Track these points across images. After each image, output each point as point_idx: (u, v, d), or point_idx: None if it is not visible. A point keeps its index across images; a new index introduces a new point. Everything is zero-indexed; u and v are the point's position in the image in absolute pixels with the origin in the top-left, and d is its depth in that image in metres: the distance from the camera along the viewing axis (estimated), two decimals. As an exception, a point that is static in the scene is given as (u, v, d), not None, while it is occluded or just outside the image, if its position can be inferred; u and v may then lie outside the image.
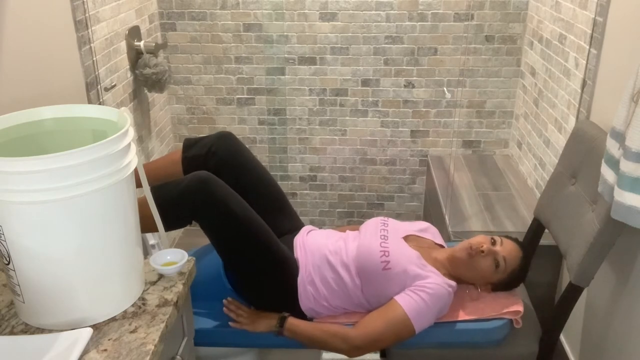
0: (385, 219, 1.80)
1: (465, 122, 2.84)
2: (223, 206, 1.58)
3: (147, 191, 1.28)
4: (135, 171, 1.14)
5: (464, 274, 1.64)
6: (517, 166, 2.74)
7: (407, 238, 1.72)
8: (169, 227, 1.60)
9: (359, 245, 1.66)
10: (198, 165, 1.80)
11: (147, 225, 1.31)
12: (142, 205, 1.24)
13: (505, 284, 1.66)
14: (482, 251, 1.59)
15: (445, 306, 1.60)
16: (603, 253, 1.50)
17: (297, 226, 1.87)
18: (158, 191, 1.59)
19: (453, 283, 1.61)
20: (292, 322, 1.60)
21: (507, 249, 1.62)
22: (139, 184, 1.24)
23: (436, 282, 1.57)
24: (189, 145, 1.86)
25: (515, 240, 1.68)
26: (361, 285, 1.62)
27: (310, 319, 1.68)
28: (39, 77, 1.66)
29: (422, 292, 1.55)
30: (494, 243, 1.62)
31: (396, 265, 1.59)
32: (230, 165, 1.80)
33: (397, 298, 1.56)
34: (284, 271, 1.66)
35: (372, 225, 1.74)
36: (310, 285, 1.65)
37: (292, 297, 1.65)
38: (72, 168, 0.96)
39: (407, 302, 1.54)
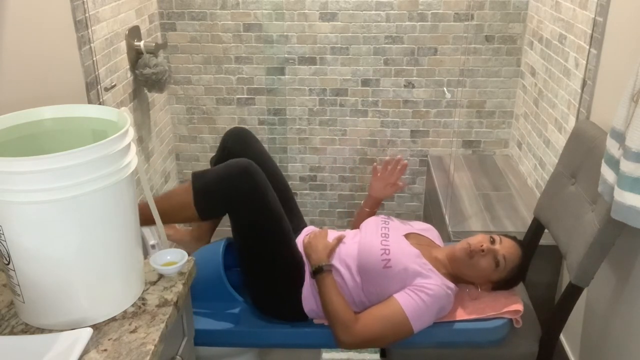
0: (386, 217, 1.80)
1: (465, 122, 2.84)
2: (261, 200, 1.59)
3: (150, 199, 1.28)
4: (143, 206, 1.12)
5: (464, 273, 1.64)
6: (517, 166, 2.73)
7: (407, 236, 1.72)
8: (205, 217, 1.61)
9: (359, 244, 1.66)
10: None
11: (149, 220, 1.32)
12: (144, 208, 1.24)
13: (505, 283, 1.66)
14: (482, 250, 1.59)
15: (444, 307, 1.60)
16: (603, 253, 1.50)
17: (301, 226, 1.87)
18: (199, 180, 1.60)
19: (452, 285, 1.62)
20: (328, 279, 1.59)
21: (506, 247, 1.62)
22: (146, 221, 1.23)
23: (436, 283, 1.57)
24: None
25: (514, 238, 1.68)
26: (361, 284, 1.62)
27: (311, 320, 1.68)
28: (39, 77, 1.66)
29: (421, 293, 1.55)
30: (493, 242, 1.62)
31: (397, 264, 1.59)
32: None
33: (398, 297, 1.56)
34: (295, 271, 1.66)
35: (373, 224, 1.74)
36: (313, 286, 1.64)
37: (297, 297, 1.65)
38: (72, 168, 0.97)
39: (406, 302, 1.54)
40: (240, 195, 1.57)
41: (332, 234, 1.77)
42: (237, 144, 1.82)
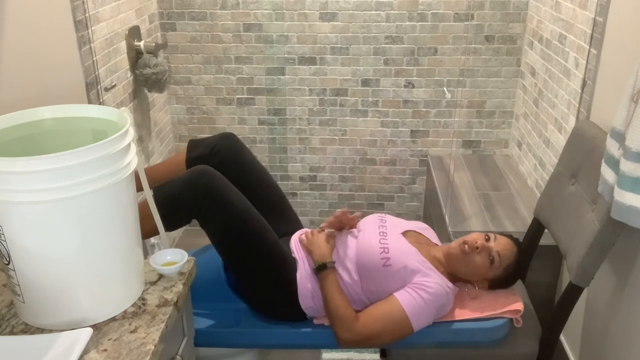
0: (383, 215, 1.80)
1: (465, 122, 2.84)
2: (223, 198, 1.59)
3: (147, 193, 1.28)
4: (136, 174, 1.14)
5: (460, 271, 1.65)
6: (517, 166, 2.74)
7: (405, 234, 1.72)
8: (170, 225, 1.60)
9: (358, 242, 1.66)
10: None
11: (148, 228, 1.31)
12: (143, 208, 1.24)
13: (501, 280, 1.66)
14: (477, 247, 1.60)
15: (444, 306, 1.60)
16: (603, 253, 1.50)
17: (297, 229, 1.87)
18: (158, 190, 1.60)
19: (451, 285, 1.62)
20: (331, 276, 1.60)
21: (501, 245, 1.63)
22: (139, 188, 1.24)
23: (436, 281, 1.57)
24: (194, 145, 1.86)
25: (509, 236, 1.69)
26: (360, 282, 1.62)
27: (311, 319, 1.68)
28: (38, 77, 1.66)
29: (421, 291, 1.55)
30: (487, 239, 1.63)
31: (396, 262, 1.59)
32: (231, 166, 1.81)
33: (397, 295, 1.56)
34: (283, 268, 1.66)
35: (371, 222, 1.74)
36: (309, 283, 1.65)
37: (292, 295, 1.65)
38: (72, 168, 0.97)
39: (406, 300, 1.54)
40: (200, 198, 1.58)
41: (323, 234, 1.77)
42: (229, 151, 1.82)
